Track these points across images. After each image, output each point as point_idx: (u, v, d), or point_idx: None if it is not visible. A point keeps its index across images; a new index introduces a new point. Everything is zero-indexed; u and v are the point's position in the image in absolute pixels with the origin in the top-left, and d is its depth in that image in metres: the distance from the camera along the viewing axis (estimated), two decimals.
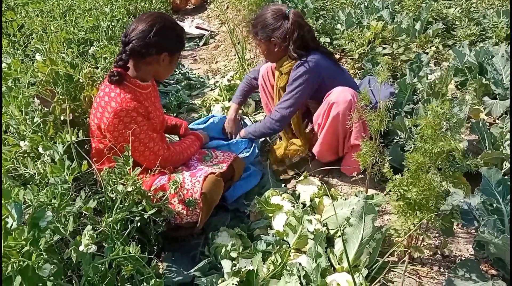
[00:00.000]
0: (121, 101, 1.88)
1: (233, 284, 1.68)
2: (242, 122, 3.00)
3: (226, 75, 4.08)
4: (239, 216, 2.35)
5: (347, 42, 3.97)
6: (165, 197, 1.85)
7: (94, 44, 3.03)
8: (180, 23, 6.04)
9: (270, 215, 2.17)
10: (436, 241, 2.04)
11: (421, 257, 1.93)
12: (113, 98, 1.90)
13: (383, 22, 4.24)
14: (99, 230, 1.53)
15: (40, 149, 1.71)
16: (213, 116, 2.89)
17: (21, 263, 1.28)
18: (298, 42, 2.35)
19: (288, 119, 2.48)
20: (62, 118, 2.10)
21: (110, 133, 1.91)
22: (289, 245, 1.97)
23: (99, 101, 1.95)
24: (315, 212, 2.19)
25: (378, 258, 1.79)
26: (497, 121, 2.97)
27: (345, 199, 2.09)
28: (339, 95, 2.28)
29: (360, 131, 2.32)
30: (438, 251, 1.98)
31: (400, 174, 1.79)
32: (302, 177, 2.40)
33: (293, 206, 2.14)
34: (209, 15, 6.86)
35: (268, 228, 2.14)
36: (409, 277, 1.83)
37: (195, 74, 4.51)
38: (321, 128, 2.43)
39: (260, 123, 2.56)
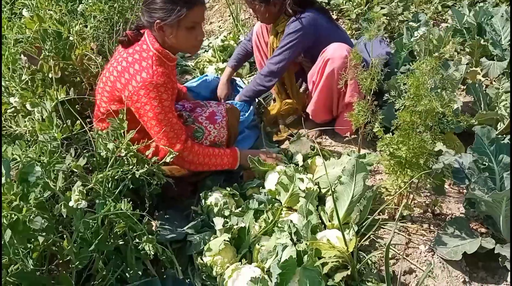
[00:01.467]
0: (153, 73, 1.81)
1: (224, 240, 1.70)
2: (236, 84, 2.95)
3: (220, 35, 4.00)
4: (232, 177, 2.35)
5: (344, 1, 3.88)
6: (161, 162, 1.82)
7: (83, 2, 2.94)
8: None
9: (263, 175, 2.17)
10: (427, 200, 2.06)
11: (412, 215, 1.95)
12: (145, 68, 1.82)
13: None
14: (88, 187, 1.52)
15: (28, 106, 1.69)
16: (206, 75, 2.85)
17: (12, 216, 1.28)
18: None
19: (278, 75, 2.43)
20: (50, 75, 2.06)
21: (132, 103, 1.84)
22: (281, 203, 1.98)
23: (126, 65, 1.85)
24: (308, 172, 2.19)
25: (369, 216, 1.80)
26: (493, 82, 2.94)
27: (338, 159, 2.09)
28: (334, 51, 2.24)
29: (355, 88, 2.29)
30: (429, 210, 2.00)
31: (391, 133, 1.78)
32: (295, 138, 2.39)
33: (285, 165, 2.15)
34: None
35: (261, 188, 2.15)
36: (399, 233, 1.85)
37: None
38: (315, 86, 2.39)
39: (251, 82, 2.53)
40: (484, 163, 1.81)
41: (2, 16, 2.41)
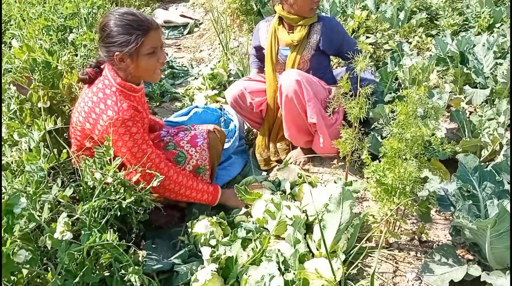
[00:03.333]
0: (118, 110, 1.82)
1: (212, 270, 1.69)
2: (225, 111, 2.97)
3: (210, 63, 4.06)
4: (220, 205, 2.35)
5: None
6: (147, 188, 1.81)
7: (73, 31, 2.98)
8: (165, 11, 5.98)
9: (250, 203, 2.17)
10: (413, 227, 2.07)
11: (399, 242, 1.96)
12: (110, 107, 1.83)
13: (367, 11, 4.24)
14: (74, 218, 1.51)
15: (16, 136, 1.69)
16: (196, 106, 2.86)
17: None
18: None
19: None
20: (39, 105, 2.07)
21: (104, 140, 1.84)
22: (269, 231, 1.98)
23: (92, 105, 1.86)
24: (295, 199, 2.20)
25: (356, 244, 1.81)
26: (477, 110, 3.00)
27: (325, 186, 2.11)
28: (285, 78, 2.34)
29: (314, 109, 2.34)
30: (416, 237, 2.01)
31: (377, 161, 1.81)
32: (282, 165, 2.41)
33: (272, 193, 2.15)
34: (194, 3, 6.78)
35: (249, 216, 2.15)
36: (386, 261, 1.85)
37: (179, 62, 4.47)
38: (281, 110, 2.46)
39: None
40: (468, 190, 1.84)
41: None
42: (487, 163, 2.05)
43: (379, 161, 1.81)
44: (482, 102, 2.95)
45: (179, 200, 2.06)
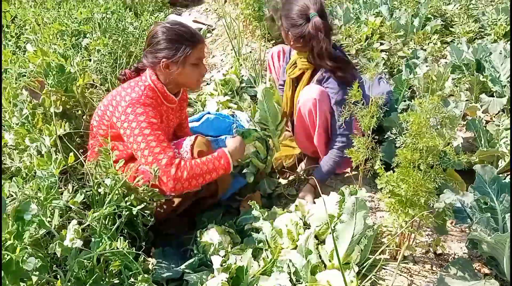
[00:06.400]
0: (141, 94, 1.91)
1: (222, 280, 1.66)
2: (237, 118, 2.95)
3: (222, 69, 4.05)
4: (231, 212, 2.33)
5: (344, 37, 3.94)
6: (152, 191, 1.80)
7: (87, 36, 2.99)
8: (177, 17, 6.00)
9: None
10: (429, 239, 2.02)
11: (413, 255, 1.91)
12: (135, 91, 1.92)
13: (381, 17, 4.21)
14: (85, 225, 1.50)
15: (27, 142, 1.68)
16: (208, 113, 2.85)
17: (4, 256, 1.26)
18: (314, 51, 2.21)
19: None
20: (52, 110, 2.07)
21: (121, 123, 1.88)
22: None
23: (119, 89, 1.96)
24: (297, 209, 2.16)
25: (370, 256, 1.77)
26: (493, 119, 2.94)
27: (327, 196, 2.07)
28: (304, 94, 2.28)
29: (321, 137, 2.32)
30: (431, 249, 1.96)
31: (391, 171, 1.77)
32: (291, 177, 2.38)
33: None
34: (206, 8, 6.79)
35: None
36: (400, 275, 1.80)
37: None
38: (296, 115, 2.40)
39: (326, 159, 2.38)
40: (485, 202, 1.79)
41: (6, 49, 2.45)
42: (505, 174, 1.99)
43: (393, 171, 1.77)
44: (499, 111, 2.89)
45: (194, 186, 1.89)
